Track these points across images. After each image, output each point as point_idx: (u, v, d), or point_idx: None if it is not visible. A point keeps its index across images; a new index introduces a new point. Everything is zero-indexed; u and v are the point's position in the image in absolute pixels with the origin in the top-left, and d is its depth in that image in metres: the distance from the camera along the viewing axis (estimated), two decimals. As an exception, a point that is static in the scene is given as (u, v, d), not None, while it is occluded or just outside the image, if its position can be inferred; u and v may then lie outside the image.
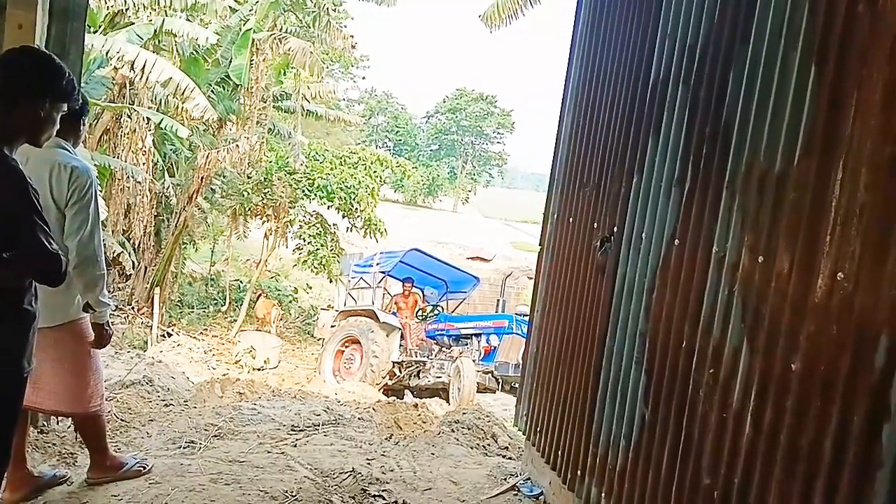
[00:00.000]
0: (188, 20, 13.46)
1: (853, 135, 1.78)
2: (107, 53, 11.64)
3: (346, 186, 15.95)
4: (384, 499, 3.55)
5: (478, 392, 10.49)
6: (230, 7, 14.75)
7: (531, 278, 5.04)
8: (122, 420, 4.43)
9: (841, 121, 1.83)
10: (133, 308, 15.00)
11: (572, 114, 3.97)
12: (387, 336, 11.86)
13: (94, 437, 3.33)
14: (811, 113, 1.94)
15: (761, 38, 2.20)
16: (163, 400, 5.23)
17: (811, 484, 1.78)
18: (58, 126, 2.31)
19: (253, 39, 14.60)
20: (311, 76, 16.45)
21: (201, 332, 15.80)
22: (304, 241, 16.30)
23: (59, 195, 2.85)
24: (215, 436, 4.30)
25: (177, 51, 14.02)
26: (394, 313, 12.69)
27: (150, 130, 13.35)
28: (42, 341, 2.34)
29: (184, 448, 4.02)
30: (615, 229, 3.14)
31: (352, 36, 16.77)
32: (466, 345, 11.90)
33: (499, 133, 52.30)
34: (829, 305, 1.80)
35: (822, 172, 1.87)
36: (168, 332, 14.53)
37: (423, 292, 13.65)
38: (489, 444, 5.02)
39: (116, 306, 14.14)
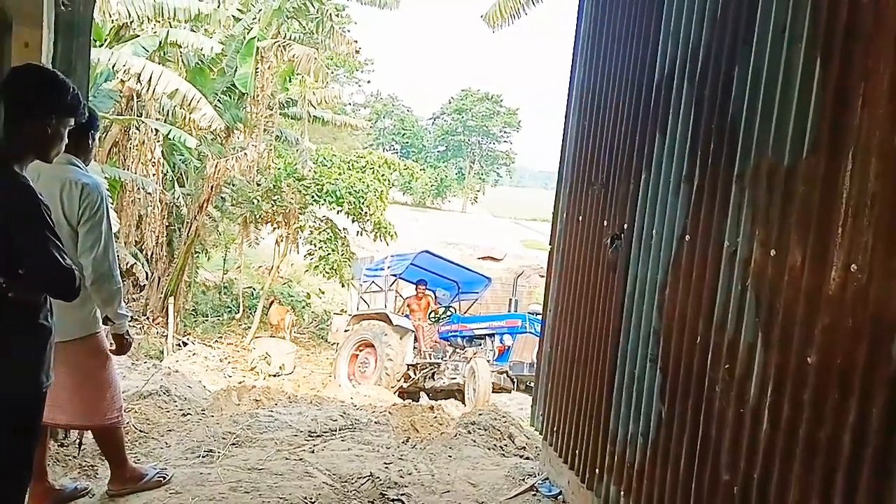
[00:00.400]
0: (192, 31, 13.54)
1: (861, 125, 1.77)
2: (113, 66, 11.73)
3: (355, 191, 15.99)
4: (403, 503, 3.56)
5: (493, 392, 10.47)
6: (234, 16, 14.81)
7: (543, 277, 5.03)
8: (140, 431, 4.46)
9: (848, 112, 1.82)
10: (148, 318, 15.11)
11: (578, 112, 3.96)
12: (400, 339, 11.88)
13: (113, 450, 3.35)
14: (818, 105, 1.93)
15: (765, 32, 2.19)
16: (180, 409, 5.26)
17: (831, 478, 1.77)
18: (66, 141, 2.33)
19: (257, 48, 14.66)
20: (316, 82, 16.54)
21: (216, 340, 15.88)
22: (315, 246, 16.35)
23: (70, 212, 2.87)
24: (233, 444, 4.33)
25: (182, 61, 14.13)
26: (406, 316, 12.71)
27: (158, 141, 13.45)
28: (57, 356, 2.37)
29: (202, 457, 4.04)
30: (625, 227, 3.13)
31: (356, 41, 16.80)
32: (480, 345, 11.89)
33: (505, 132, 52.24)
34: (844, 297, 1.79)
35: (832, 164, 1.86)
36: (183, 342, 14.62)
37: (435, 294, 13.66)
38: (506, 445, 5.02)
39: (132, 317, 14.23)
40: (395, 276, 13.45)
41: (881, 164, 1.71)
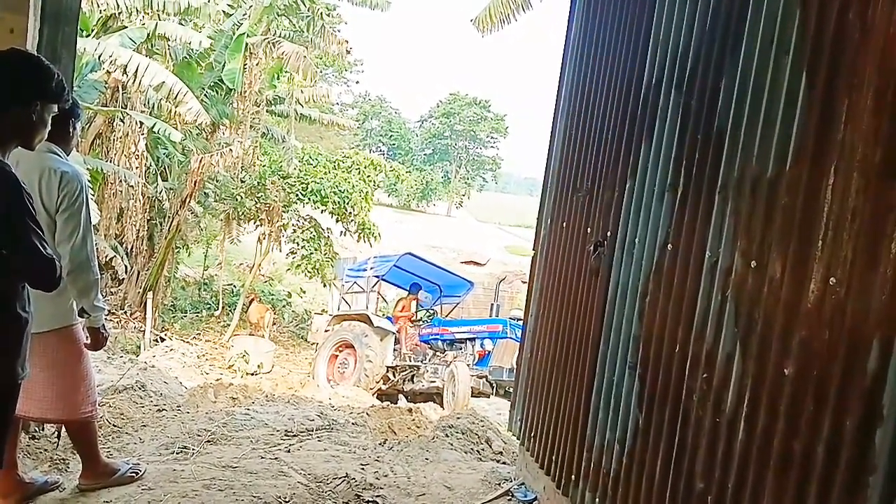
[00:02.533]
0: (181, 24, 13.45)
1: (844, 140, 1.79)
2: (99, 57, 11.64)
3: (340, 191, 15.95)
4: (378, 504, 3.54)
5: (472, 396, 10.50)
6: (224, 11, 14.75)
7: (525, 282, 5.05)
8: (114, 425, 4.41)
9: (832, 126, 1.84)
10: (126, 313, 14.95)
11: (565, 119, 3.98)
12: (381, 340, 11.86)
13: (85, 444, 3.30)
14: (802, 118, 1.95)
15: (753, 44, 2.21)
16: (155, 405, 5.20)
17: (804, 489, 1.79)
18: (49, 128, 2.30)
19: (246, 43, 14.61)
20: (304, 80, 16.47)
21: (194, 337, 15.74)
22: (298, 245, 16.29)
23: (48, 200, 2.83)
24: (208, 441, 4.28)
25: (170, 55, 14.04)
26: (388, 318, 12.69)
27: (142, 134, 13.35)
28: (32, 347, 2.33)
29: (177, 453, 3.99)
30: (608, 234, 3.14)
31: (346, 41, 16.77)
32: (461, 349, 11.91)
33: (492, 137, 52.45)
34: (822, 310, 1.80)
35: (814, 177, 1.88)
36: (161, 337, 14.49)
37: (418, 298, 13.67)
38: (483, 449, 5.01)
39: (109, 311, 14.08)
40: (377, 277, 13.43)
41: (862, 179, 1.73)
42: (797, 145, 1.96)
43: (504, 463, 4.64)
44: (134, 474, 3.43)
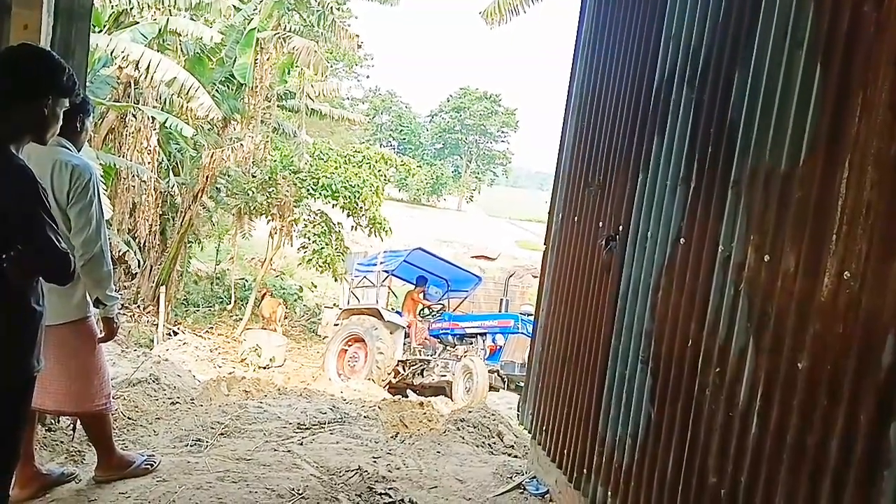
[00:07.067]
0: (192, 19, 13.49)
1: (859, 133, 1.78)
2: (111, 53, 11.68)
3: (351, 185, 15.96)
4: (390, 497, 3.56)
5: (486, 390, 10.53)
6: (234, 6, 14.76)
7: (536, 277, 5.05)
8: (128, 418, 4.45)
9: (846, 120, 1.82)
10: (139, 307, 15.05)
11: (577, 113, 3.97)
12: (391, 334, 11.89)
13: (100, 436, 3.34)
14: (816, 112, 1.94)
15: (766, 37, 2.19)
16: (169, 398, 5.25)
17: (818, 483, 1.78)
18: (61, 122, 2.31)
19: (257, 38, 14.63)
20: (315, 75, 16.49)
21: (207, 331, 15.84)
22: (309, 239, 16.31)
23: (59, 194, 2.86)
24: (222, 434, 4.32)
25: (181, 50, 14.07)
26: (397, 312, 12.72)
27: (154, 129, 13.39)
28: (46, 340, 2.35)
29: (190, 446, 4.03)
30: (620, 228, 3.13)
31: (357, 35, 16.75)
32: (471, 344, 11.92)
33: (503, 132, 52.27)
34: (836, 304, 1.80)
35: (828, 171, 1.87)
36: (174, 331, 14.58)
37: (426, 290, 13.70)
38: (495, 443, 5.03)
39: (123, 304, 14.20)
40: (387, 272, 13.45)
41: (877, 172, 1.72)
42: (811, 139, 1.95)
43: (515, 456, 4.65)
44: (149, 466, 3.46)
